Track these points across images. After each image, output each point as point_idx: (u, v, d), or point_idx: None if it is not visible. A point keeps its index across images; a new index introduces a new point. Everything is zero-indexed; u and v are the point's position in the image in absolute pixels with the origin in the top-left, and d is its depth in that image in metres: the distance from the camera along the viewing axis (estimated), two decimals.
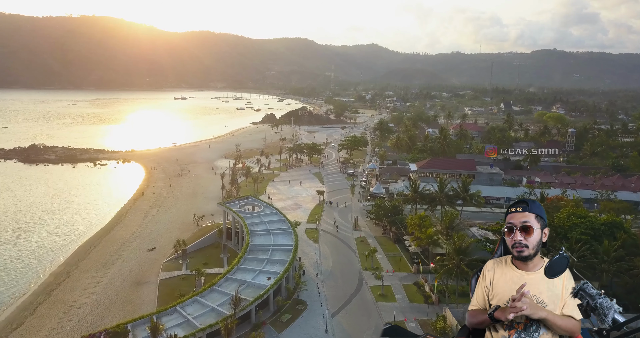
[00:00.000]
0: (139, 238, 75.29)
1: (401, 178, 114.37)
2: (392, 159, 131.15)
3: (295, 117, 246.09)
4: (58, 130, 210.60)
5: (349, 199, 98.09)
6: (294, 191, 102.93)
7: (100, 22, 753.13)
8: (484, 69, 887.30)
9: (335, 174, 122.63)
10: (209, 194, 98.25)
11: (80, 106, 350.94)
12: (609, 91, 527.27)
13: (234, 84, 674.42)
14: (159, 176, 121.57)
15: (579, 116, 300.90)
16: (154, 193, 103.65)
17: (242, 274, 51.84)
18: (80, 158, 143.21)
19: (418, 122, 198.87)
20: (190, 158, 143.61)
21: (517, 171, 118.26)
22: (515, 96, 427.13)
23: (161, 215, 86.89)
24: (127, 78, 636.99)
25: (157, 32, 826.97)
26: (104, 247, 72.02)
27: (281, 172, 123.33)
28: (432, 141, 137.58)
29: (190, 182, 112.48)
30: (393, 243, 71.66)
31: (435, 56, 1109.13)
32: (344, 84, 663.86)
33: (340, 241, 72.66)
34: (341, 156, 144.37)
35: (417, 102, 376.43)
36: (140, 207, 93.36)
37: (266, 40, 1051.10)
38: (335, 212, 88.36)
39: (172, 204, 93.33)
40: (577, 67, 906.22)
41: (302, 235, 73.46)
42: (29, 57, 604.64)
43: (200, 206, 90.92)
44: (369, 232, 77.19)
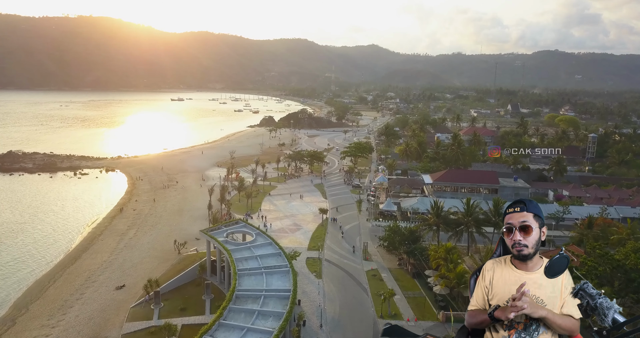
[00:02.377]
0: (108, 269, 63.30)
1: (413, 190, 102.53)
2: (402, 168, 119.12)
3: (294, 121, 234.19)
4: (44, 134, 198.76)
5: (355, 217, 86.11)
6: (293, 207, 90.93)
7: (97, 22, 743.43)
8: (485, 70, 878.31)
9: (339, 186, 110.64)
10: (196, 211, 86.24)
11: (72, 108, 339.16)
12: (614, 92, 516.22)
13: (232, 85, 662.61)
14: (144, 188, 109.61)
15: (590, 119, 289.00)
16: (135, 209, 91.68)
17: (224, 334, 39.91)
18: (60, 167, 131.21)
19: (425, 126, 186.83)
20: (180, 166, 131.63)
21: (540, 183, 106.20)
22: (521, 97, 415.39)
23: (139, 238, 74.90)
24: (125, 79, 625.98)
25: (155, 32, 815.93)
26: (66, 282, 60.04)
27: (279, 183, 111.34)
28: (445, 148, 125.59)
29: (177, 196, 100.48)
30: (412, 278, 59.66)
31: (436, 57, 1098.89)
32: (344, 85, 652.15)
33: (348, 276, 60.66)
34: (345, 164, 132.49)
35: (420, 104, 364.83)
36: (116, 227, 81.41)
37: (266, 41, 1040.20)
38: (341, 234, 76.43)
39: (154, 225, 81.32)
40: (579, 68, 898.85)
41: (303, 267, 61.59)
42: (24, 57, 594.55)
43: (185, 226, 78.97)
44: (381, 262, 65.17)
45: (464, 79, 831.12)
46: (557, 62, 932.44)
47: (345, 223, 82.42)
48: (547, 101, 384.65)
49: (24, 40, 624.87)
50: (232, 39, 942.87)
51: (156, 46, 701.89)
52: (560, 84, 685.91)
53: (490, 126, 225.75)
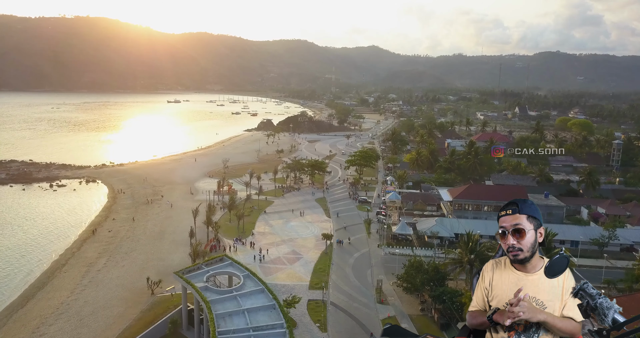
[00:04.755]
0: (63, 316, 51.33)
1: (427, 206, 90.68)
2: (413, 179, 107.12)
3: (294, 125, 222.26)
4: (27, 139, 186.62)
5: (364, 241, 74.19)
6: (292, 229, 78.96)
7: (94, 22, 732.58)
8: (486, 71, 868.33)
9: (343, 201, 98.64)
10: (179, 234, 74.14)
11: (64, 110, 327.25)
12: (620, 94, 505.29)
13: (231, 86, 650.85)
14: (125, 203, 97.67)
15: (601, 122, 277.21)
16: (111, 230, 79.73)
17: None
18: (36, 177, 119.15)
19: (433, 131, 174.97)
20: (167, 176, 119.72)
21: (570, 199, 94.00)
22: (527, 99, 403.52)
23: (108, 270, 62.91)
24: (121, 81, 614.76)
25: (153, 33, 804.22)
26: (7, 335, 48.16)
27: (276, 198, 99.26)
28: (460, 157, 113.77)
29: (160, 213, 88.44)
30: (440, 330, 47.70)
31: (437, 58, 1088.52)
32: (344, 86, 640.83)
33: (359, 326, 48.72)
34: (349, 175, 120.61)
35: (424, 107, 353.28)
36: (85, 254, 69.46)
37: (265, 41, 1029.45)
38: (349, 265, 64.57)
39: (128, 252, 69.34)
40: (581, 69, 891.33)
41: (303, 314, 49.72)
42: (19, 58, 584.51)
43: (164, 255, 67.04)
44: (399, 306, 53.21)
45: (466, 81, 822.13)
46: (558, 64, 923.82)
47: (353, 249, 70.54)
48: (555, 103, 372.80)
49: (19, 41, 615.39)
50: (231, 39, 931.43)
51: (154, 46, 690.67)
52: (563, 86, 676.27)
53: (500, 129, 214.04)
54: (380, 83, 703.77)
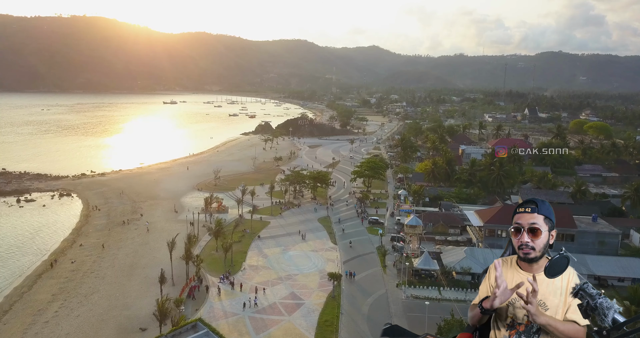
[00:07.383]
0: None
1: (450, 229, 77.51)
2: (430, 195, 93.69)
3: (293, 128, 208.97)
4: (8, 144, 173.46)
5: (379, 278, 60.89)
6: (291, 260, 65.64)
7: (91, 22, 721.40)
8: (488, 72, 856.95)
9: (350, 220, 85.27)
10: (152, 269, 60.56)
11: (55, 112, 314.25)
12: (626, 95, 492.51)
13: (230, 87, 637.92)
14: (98, 223, 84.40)
15: (615, 124, 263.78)
16: (75, 261, 66.49)
17: None
18: (3, 190, 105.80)
19: (444, 136, 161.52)
20: (151, 189, 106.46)
21: (615, 220, 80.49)
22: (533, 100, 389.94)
23: (57, 323, 49.57)
24: (117, 81, 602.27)
25: (151, 33, 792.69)
26: None
27: (272, 217, 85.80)
28: (481, 169, 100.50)
29: (136, 238, 75.06)
30: None
31: (438, 59, 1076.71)
32: (345, 87, 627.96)
33: None
34: (355, 188, 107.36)
35: (428, 108, 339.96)
36: (36, 297, 56.19)
37: (264, 41, 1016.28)
38: (362, 315, 51.35)
39: (88, 294, 55.98)
40: (583, 69, 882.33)
41: None
42: (13, 58, 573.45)
43: (131, 301, 53.71)
44: None
45: (468, 81, 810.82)
46: (561, 64, 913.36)
47: (367, 290, 57.24)
48: (564, 105, 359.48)
49: (13, 41, 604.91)
50: (230, 39, 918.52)
51: (152, 46, 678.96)
52: (566, 86, 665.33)
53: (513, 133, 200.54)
54: (381, 83, 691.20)
